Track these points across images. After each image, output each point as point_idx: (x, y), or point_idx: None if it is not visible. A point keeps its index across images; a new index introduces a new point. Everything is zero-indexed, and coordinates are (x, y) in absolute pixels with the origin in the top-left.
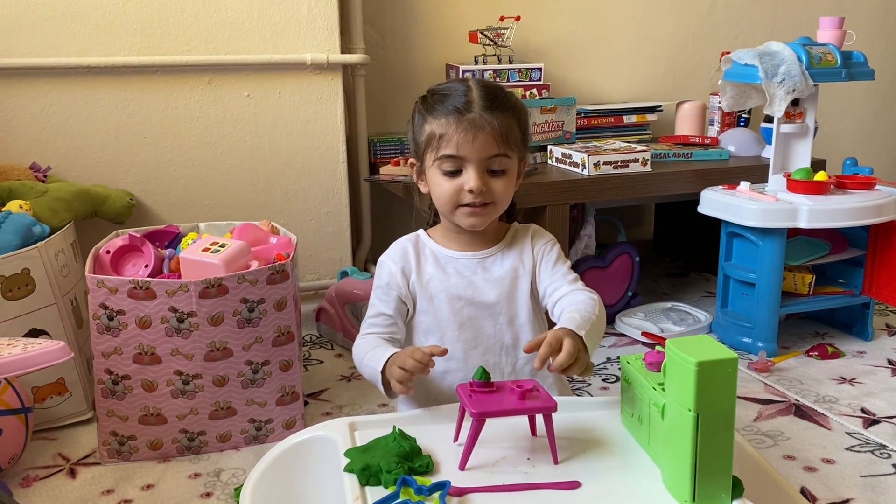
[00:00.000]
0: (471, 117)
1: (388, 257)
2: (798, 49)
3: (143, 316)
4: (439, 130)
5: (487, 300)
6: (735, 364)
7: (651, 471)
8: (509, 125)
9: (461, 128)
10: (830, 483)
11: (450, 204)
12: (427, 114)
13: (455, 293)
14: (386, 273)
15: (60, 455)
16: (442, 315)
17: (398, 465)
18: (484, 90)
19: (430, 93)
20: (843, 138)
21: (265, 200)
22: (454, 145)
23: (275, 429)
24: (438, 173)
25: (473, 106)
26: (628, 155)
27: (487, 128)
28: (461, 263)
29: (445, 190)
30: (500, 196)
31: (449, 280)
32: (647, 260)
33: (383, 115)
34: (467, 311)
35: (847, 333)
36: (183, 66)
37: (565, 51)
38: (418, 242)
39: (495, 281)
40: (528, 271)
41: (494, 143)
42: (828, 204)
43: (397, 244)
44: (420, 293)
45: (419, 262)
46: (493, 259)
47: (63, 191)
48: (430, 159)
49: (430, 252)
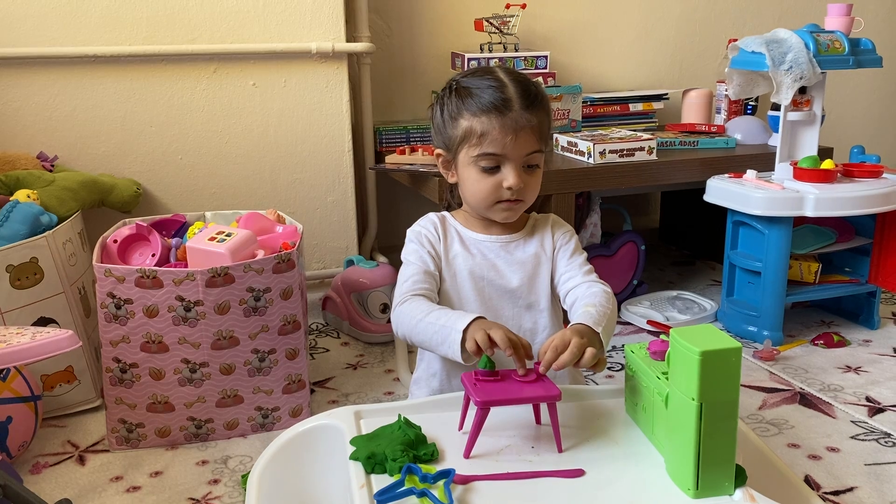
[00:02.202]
0: (513, 116)
1: (421, 226)
2: (805, 36)
3: (150, 305)
4: (479, 127)
5: (510, 285)
6: (739, 354)
7: (655, 460)
8: (543, 119)
9: (505, 128)
10: (835, 471)
11: (487, 200)
12: (463, 108)
13: (479, 273)
14: (425, 239)
15: (70, 442)
16: (464, 293)
17: (403, 453)
18: (519, 86)
19: (458, 84)
20: (850, 126)
21: (271, 189)
22: (497, 144)
23: (281, 416)
24: (475, 170)
25: (513, 104)
26: (634, 143)
27: (528, 127)
28: (485, 245)
29: (484, 187)
30: (533, 191)
31: (474, 260)
32: (653, 248)
33: (389, 104)
34: (489, 291)
35: (853, 322)
36: (188, 55)
37: (571, 38)
38: (445, 221)
39: (518, 265)
40: (549, 258)
41: (535, 141)
42: (834, 192)
43: (426, 219)
44: (445, 269)
45: (446, 240)
46: (517, 244)
47: (70, 180)
48: (467, 155)
49: (456, 232)
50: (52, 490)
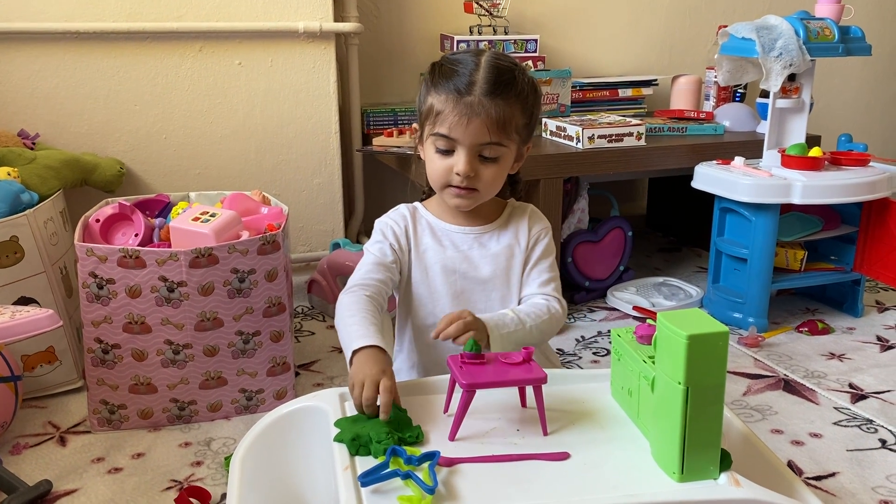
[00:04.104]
0: (469, 101)
1: (391, 218)
2: (796, 23)
3: (132, 285)
4: (438, 106)
5: (482, 275)
6: (726, 338)
7: (640, 443)
8: (509, 112)
9: (457, 110)
10: (817, 457)
11: (439, 182)
12: (432, 85)
13: (450, 266)
14: (389, 232)
15: (50, 423)
16: (436, 287)
17: (388, 435)
18: (491, 72)
19: (441, 61)
20: (838, 114)
21: (256, 170)
22: (447, 126)
23: (265, 399)
24: (432, 149)
25: (475, 89)
26: (623, 129)
27: (483, 114)
28: (458, 237)
29: (437, 167)
30: (486, 183)
31: (445, 253)
32: (640, 235)
33: (377, 86)
34: (461, 284)
35: (837, 310)
36: (173, 32)
37: (561, 22)
38: (416, 213)
39: (492, 256)
40: (524, 250)
41: (487, 132)
42: (821, 180)
43: (396, 211)
44: (416, 263)
45: (416, 233)
46: (490, 235)
47: (52, 158)
48: (427, 132)
49: (427, 224)
50: (32, 471)
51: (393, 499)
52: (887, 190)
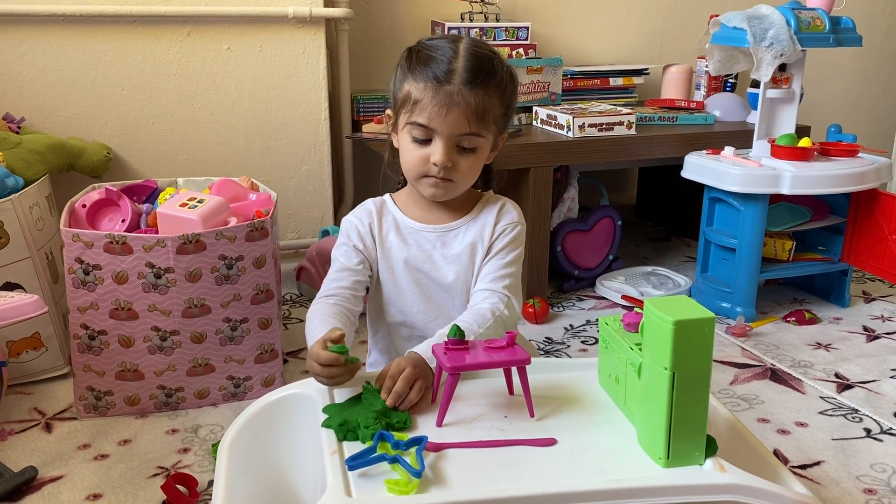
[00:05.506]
0: (448, 90)
1: (355, 217)
2: (787, 13)
3: (119, 271)
4: (416, 94)
5: (446, 280)
6: (712, 324)
7: (627, 429)
8: (488, 102)
9: (436, 99)
10: (802, 446)
11: (415, 171)
12: (409, 71)
13: (414, 264)
14: (353, 232)
15: (36, 409)
16: (402, 285)
17: (376, 420)
18: (471, 60)
19: (417, 47)
20: (828, 105)
21: (245, 156)
22: (426, 115)
23: (253, 386)
24: (408, 138)
25: (454, 78)
26: (614, 118)
27: (462, 104)
28: (422, 236)
29: (413, 157)
30: (463, 174)
31: (409, 251)
32: (629, 224)
33: (367, 72)
34: (426, 283)
35: (824, 300)
36: (161, 16)
37: (553, 10)
38: (383, 208)
39: (454, 258)
40: (486, 246)
41: (466, 122)
42: (810, 171)
43: (363, 207)
44: (382, 261)
45: (381, 229)
46: (455, 233)
47: (38, 143)
48: (403, 121)
49: (393, 220)
50: (18, 457)
51: (380, 482)
52: (875, 181)
